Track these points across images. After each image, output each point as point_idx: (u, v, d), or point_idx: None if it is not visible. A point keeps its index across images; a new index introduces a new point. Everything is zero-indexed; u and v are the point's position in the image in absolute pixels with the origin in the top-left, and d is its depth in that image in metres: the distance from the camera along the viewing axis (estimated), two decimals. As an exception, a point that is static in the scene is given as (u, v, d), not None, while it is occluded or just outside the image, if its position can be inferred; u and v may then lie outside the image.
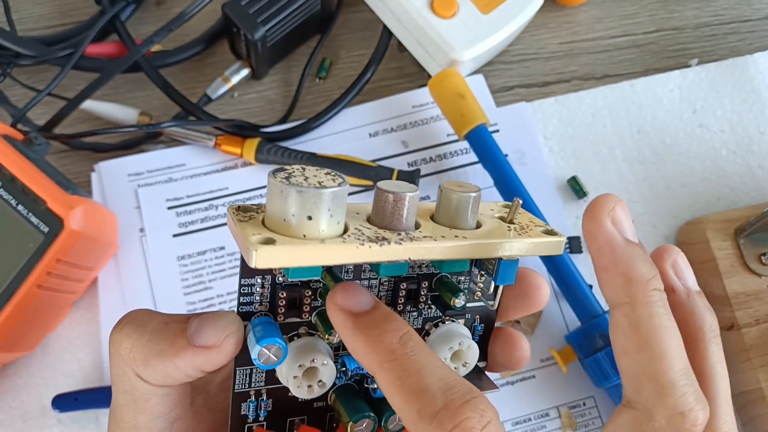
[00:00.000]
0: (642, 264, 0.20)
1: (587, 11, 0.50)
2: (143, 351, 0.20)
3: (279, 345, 0.20)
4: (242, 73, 0.45)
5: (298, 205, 0.18)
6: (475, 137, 0.41)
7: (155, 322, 0.20)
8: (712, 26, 0.50)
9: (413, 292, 0.22)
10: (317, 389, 0.20)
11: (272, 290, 0.21)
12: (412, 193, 0.20)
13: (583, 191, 0.44)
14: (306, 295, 0.21)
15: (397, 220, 0.20)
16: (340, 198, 0.19)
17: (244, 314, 0.21)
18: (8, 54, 0.43)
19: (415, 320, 0.23)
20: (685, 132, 0.46)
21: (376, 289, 0.22)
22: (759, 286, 0.40)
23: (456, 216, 0.21)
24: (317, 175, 0.19)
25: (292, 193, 0.18)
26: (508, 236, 0.21)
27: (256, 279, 0.20)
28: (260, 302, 0.21)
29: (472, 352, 0.22)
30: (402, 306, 0.22)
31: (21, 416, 0.39)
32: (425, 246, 0.19)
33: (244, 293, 0.20)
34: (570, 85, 0.47)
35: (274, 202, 0.18)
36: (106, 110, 0.44)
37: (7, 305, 0.34)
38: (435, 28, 0.42)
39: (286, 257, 0.18)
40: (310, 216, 0.18)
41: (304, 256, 0.18)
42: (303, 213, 0.18)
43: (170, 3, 0.48)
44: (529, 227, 0.22)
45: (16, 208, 0.35)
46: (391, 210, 0.20)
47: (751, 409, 0.40)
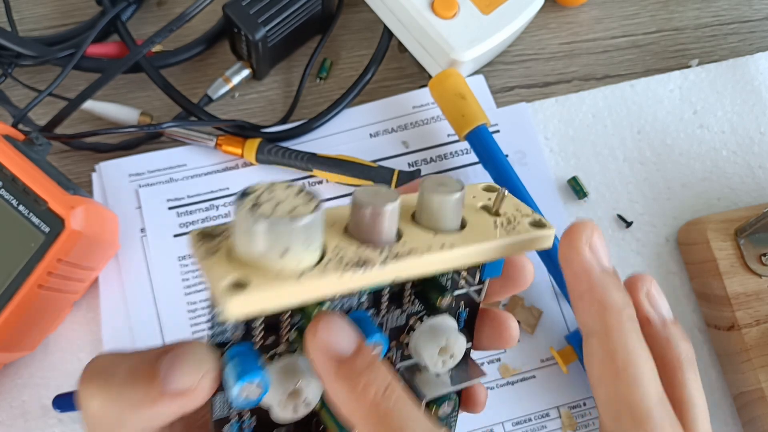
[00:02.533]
0: (616, 292, 0.20)
1: (588, 12, 0.50)
2: (115, 407, 0.18)
3: (260, 380, 0.18)
4: (243, 74, 0.45)
5: (270, 239, 0.16)
6: (475, 138, 0.41)
7: (122, 369, 0.18)
8: (712, 27, 0.50)
9: (396, 294, 0.21)
10: (303, 409, 0.19)
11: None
12: (393, 204, 0.18)
13: (583, 191, 0.44)
14: (284, 318, 0.19)
15: (377, 234, 0.18)
16: (316, 225, 0.17)
17: (217, 344, 0.19)
18: (9, 54, 0.44)
19: (398, 318, 0.22)
20: (686, 132, 0.46)
21: (355, 297, 0.21)
22: (759, 286, 0.40)
23: (439, 219, 0.20)
24: (288, 197, 0.17)
25: (261, 227, 0.16)
26: (495, 236, 0.20)
27: None
28: (235, 329, 0.19)
29: (458, 344, 0.22)
30: (386, 309, 0.21)
31: (22, 416, 0.39)
32: (411, 263, 0.18)
33: (216, 323, 0.18)
34: (570, 86, 0.47)
35: (242, 236, 0.16)
36: (107, 110, 0.44)
37: (8, 305, 0.34)
38: (435, 29, 0.42)
39: (261, 303, 0.16)
40: (285, 250, 0.16)
41: (281, 297, 0.16)
42: (276, 248, 0.16)
43: (171, 3, 0.49)
44: (516, 219, 0.21)
45: (17, 208, 0.35)
46: (370, 224, 0.18)
47: (751, 410, 0.40)
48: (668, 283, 0.43)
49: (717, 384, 0.41)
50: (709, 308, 0.42)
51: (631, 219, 0.44)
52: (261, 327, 0.19)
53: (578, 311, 0.21)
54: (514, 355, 0.41)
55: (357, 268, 0.17)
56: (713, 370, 0.42)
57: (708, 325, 0.42)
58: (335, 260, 0.17)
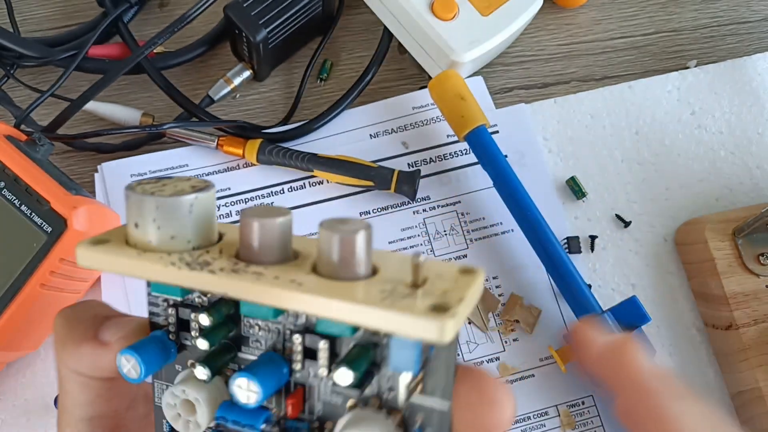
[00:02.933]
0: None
1: (586, 13, 0.50)
2: (64, 333, 0.20)
3: (136, 359, 0.18)
4: (244, 75, 0.45)
5: (128, 209, 0.18)
6: (474, 138, 0.41)
7: (91, 312, 0.21)
8: (710, 28, 0.50)
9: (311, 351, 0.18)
10: (193, 428, 0.18)
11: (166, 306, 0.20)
12: (280, 219, 0.17)
13: (582, 192, 0.44)
14: (193, 319, 0.19)
15: (256, 251, 0.17)
16: (168, 210, 0.17)
17: (153, 324, 0.20)
18: (12, 55, 0.44)
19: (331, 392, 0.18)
20: (684, 133, 0.46)
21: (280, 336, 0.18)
22: (757, 286, 0.40)
23: (322, 257, 0.17)
24: (179, 186, 0.18)
25: (125, 196, 0.18)
26: (359, 298, 0.15)
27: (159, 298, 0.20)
28: (165, 317, 0.20)
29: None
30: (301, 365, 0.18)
31: (25, 414, 0.39)
32: (242, 284, 0.16)
33: (152, 302, 0.20)
34: (569, 87, 0.48)
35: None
36: (109, 111, 0.45)
37: (10, 304, 0.35)
38: (435, 30, 0.42)
39: (101, 261, 0.17)
40: (136, 223, 0.18)
41: (115, 263, 0.17)
42: (131, 219, 0.18)
43: (173, 5, 0.49)
44: (425, 297, 0.15)
45: (19, 208, 0.35)
46: (251, 238, 0.17)
47: (749, 409, 0.40)
48: (666, 283, 0.43)
49: (715, 383, 0.42)
50: (707, 308, 0.42)
51: (630, 219, 0.44)
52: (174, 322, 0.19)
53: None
54: (513, 354, 0.41)
55: (191, 267, 0.17)
56: (711, 370, 0.42)
57: (706, 324, 0.42)
58: (189, 254, 0.17)
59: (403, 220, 0.43)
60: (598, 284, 0.43)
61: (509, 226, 0.43)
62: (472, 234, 0.43)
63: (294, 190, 0.44)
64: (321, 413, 0.18)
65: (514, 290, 0.42)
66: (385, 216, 0.44)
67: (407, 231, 0.43)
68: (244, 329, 0.19)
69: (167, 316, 0.19)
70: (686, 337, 0.42)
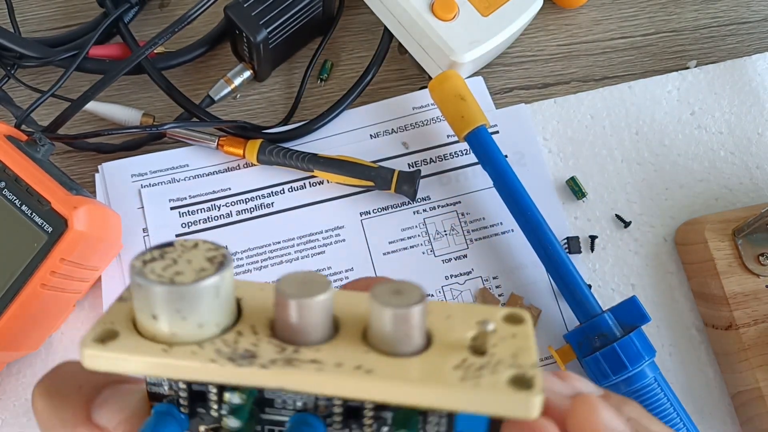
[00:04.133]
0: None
1: (586, 13, 0.50)
2: (50, 417, 0.18)
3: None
4: (244, 75, 0.45)
5: (140, 299, 0.15)
6: (475, 138, 0.41)
7: (71, 386, 0.18)
8: (710, 28, 0.50)
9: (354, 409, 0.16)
10: None
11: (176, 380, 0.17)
12: (323, 297, 0.15)
13: (582, 192, 0.44)
14: (211, 392, 0.17)
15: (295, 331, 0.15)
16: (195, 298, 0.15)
17: (153, 395, 0.17)
18: (12, 55, 0.44)
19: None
20: (684, 133, 0.46)
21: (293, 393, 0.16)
22: (757, 286, 0.40)
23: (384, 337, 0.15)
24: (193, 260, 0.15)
25: (134, 283, 0.15)
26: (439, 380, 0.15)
27: None
28: (169, 386, 0.17)
29: None
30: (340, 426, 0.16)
31: (25, 414, 0.39)
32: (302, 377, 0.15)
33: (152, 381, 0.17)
34: (569, 87, 0.48)
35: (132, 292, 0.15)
36: (109, 111, 0.45)
37: (11, 305, 0.35)
38: (435, 31, 0.42)
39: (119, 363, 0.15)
40: (154, 315, 0.15)
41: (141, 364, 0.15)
42: (146, 310, 0.15)
43: (173, 5, 0.49)
44: (498, 367, 0.15)
45: (20, 208, 0.35)
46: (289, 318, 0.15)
47: (749, 409, 0.40)
48: (666, 283, 0.43)
49: (715, 383, 0.42)
50: (707, 308, 0.42)
51: (630, 219, 0.44)
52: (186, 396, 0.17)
53: None
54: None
55: (233, 360, 0.15)
56: (711, 370, 0.42)
57: (706, 324, 0.42)
58: (223, 342, 0.15)
59: (404, 220, 0.43)
60: (598, 284, 0.43)
61: (509, 226, 0.43)
62: (472, 234, 0.43)
63: (294, 190, 0.44)
64: None
65: (514, 290, 0.42)
66: (386, 216, 0.44)
67: (407, 231, 0.43)
68: (268, 391, 0.17)
69: (177, 390, 0.17)
70: (686, 337, 0.42)
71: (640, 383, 0.37)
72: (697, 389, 0.42)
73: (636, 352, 0.37)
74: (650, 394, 0.37)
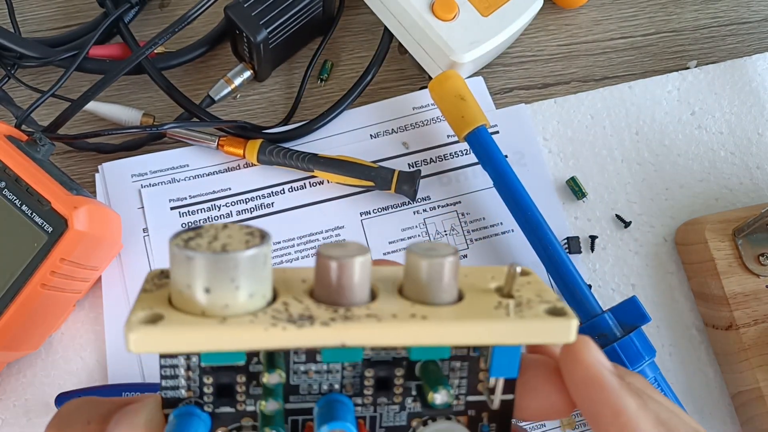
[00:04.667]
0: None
1: (586, 13, 0.50)
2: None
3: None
4: (245, 75, 0.45)
5: (191, 273, 0.15)
6: (475, 139, 0.41)
7: (79, 421, 0.18)
8: (710, 28, 0.50)
9: (384, 380, 0.18)
10: None
11: (200, 374, 0.17)
12: (362, 258, 0.16)
13: (582, 192, 0.44)
14: (239, 382, 0.17)
15: (342, 292, 0.16)
16: (248, 265, 0.15)
17: (169, 400, 0.17)
18: (12, 55, 0.44)
19: (396, 415, 0.18)
20: (684, 133, 0.46)
21: (339, 374, 0.17)
22: (757, 286, 0.40)
23: (426, 288, 0.16)
24: (233, 235, 0.15)
25: (182, 258, 0.15)
26: (491, 316, 0.16)
27: (179, 359, 0.17)
28: (187, 387, 0.17)
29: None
30: (371, 399, 0.18)
31: (25, 414, 0.39)
32: (364, 329, 0.15)
33: (166, 375, 0.17)
34: (569, 87, 0.48)
35: (172, 271, 0.15)
36: (109, 111, 0.45)
37: (11, 304, 0.35)
38: (435, 31, 0.42)
39: (173, 341, 0.15)
40: (207, 288, 0.15)
41: (197, 339, 0.15)
42: (199, 284, 0.15)
43: (173, 5, 0.49)
44: (531, 304, 0.17)
45: (20, 208, 0.35)
46: (335, 280, 0.16)
47: (749, 409, 0.40)
48: (666, 283, 0.43)
49: (715, 383, 0.42)
50: (707, 308, 0.42)
51: (630, 219, 0.44)
52: (211, 392, 0.17)
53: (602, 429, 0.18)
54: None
55: (293, 322, 0.15)
56: (711, 370, 0.42)
57: (706, 324, 0.42)
58: (275, 311, 0.15)
59: (404, 221, 0.43)
60: (598, 284, 0.43)
61: (509, 226, 0.43)
62: (472, 234, 0.43)
63: (294, 190, 0.44)
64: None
65: (515, 290, 0.42)
66: (386, 216, 0.44)
67: (407, 231, 0.43)
68: (293, 378, 0.18)
69: (202, 384, 0.17)
70: (686, 337, 0.42)
71: (641, 383, 0.37)
72: (697, 389, 0.42)
73: (636, 352, 0.37)
74: (650, 394, 0.37)
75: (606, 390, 0.17)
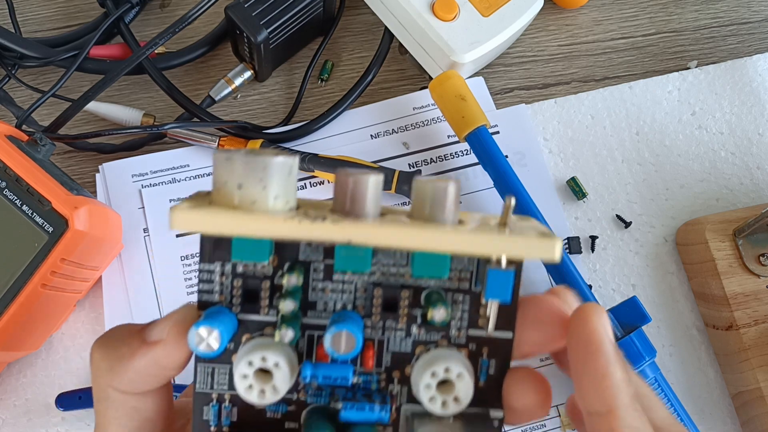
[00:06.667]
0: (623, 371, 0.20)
1: (587, 14, 0.50)
2: (109, 358, 0.20)
3: (218, 329, 0.18)
4: (245, 75, 0.46)
5: (228, 171, 0.18)
6: (475, 139, 0.41)
7: (125, 331, 0.20)
8: (711, 29, 0.50)
9: (391, 302, 0.20)
10: (270, 395, 0.18)
11: (232, 279, 0.19)
12: (375, 177, 0.18)
13: (582, 192, 0.44)
14: (264, 288, 0.19)
15: (357, 205, 0.18)
16: (275, 169, 0.18)
17: (203, 304, 0.20)
18: (13, 55, 0.44)
19: (402, 341, 0.20)
20: (684, 134, 0.46)
21: (351, 295, 0.20)
22: (757, 286, 0.40)
23: (431, 210, 0.18)
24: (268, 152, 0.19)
25: (222, 159, 0.18)
26: (487, 231, 0.18)
27: (216, 265, 0.19)
28: (220, 291, 0.20)
29: (463, 384, 0.19)
30: (379, 318, 0.20)
31: (25, 414, 0.39)
32: (370, 229, 0.17)
33: (204, 279, 0.19)
34: (570, 87, 0.48)
35: (214, 173, 0.18)
36: (110, 112, 0.45)
37: (11, 304, 0.35)
38: (436, 31, 0.42)
39: (205, 222, 0.17)
40: (240, 184, 0.18)
41: (226, 222, 0.17)
42: (233, 180, 0.18)
43: (174, 5, 0.49)
44: (524, 230, 0.18)
45: (21, 208, 0.35)
46: (350, 194, 0.18)
47: (749, 409, 0.40)
48: (667, 283, 0.43)
49: (715, 384, 0.42)
50: (708, 308, 0.42)
51: (630, 219, 0.44)
52: (239, 294, 0.20)
53: (584, 389, 0.19)
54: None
55: (309, 218, 0.17)
56: (711, 370, 0.42)
57: (706, 325, 0.42)
58: (296, 213, 0.18)
59: (404, 221, 0.43)
60: (598, 285, 0.43)
61: (510, 226, 0.43)
62: (472, 234, 0.43)
63: (295, 191, 0.44)
64: (389, 364, 0.20)
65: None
66: (386, 216, 0.44)
67: (408, 231, 0.43)
68: (311, 295, 0.20)
69: (232, 288, 0.19)
70: (687, 338, 0.42)
71: (641, 383, 0.37)
72: (697, 389, 0.42)
73: (636, 353, 0.37)
74: (651, 395, 0.37)
75: (602, 354, 0.19)
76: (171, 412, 0.22)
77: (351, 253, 0.19)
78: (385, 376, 0.20)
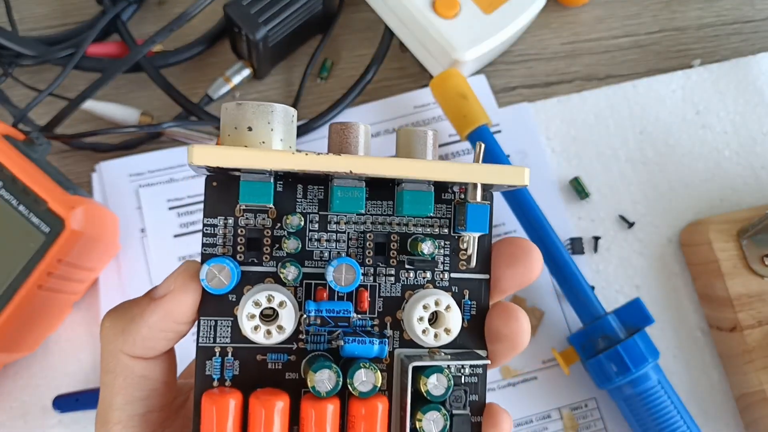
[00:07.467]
0: None
1: (590, 11, 0.49)
2: (122, 320, 0.21)
3: (228, 266, 0.19)
4: (244, 74, 0.45)
5: (239, 116, 0.20)
6: (477, 138, 0.41)
7: (132, 300, 0.21)
8: (715, 27, 0.50)
9: (381, 246, 0.22)
10: (276, 334, 0.20)
11: (234, 232, 0.21)
12: (364, 126, 0.21)
13: (585, 192, 0.44)
14: (266, 235, 0.21)
15: (351, 148, 0.20)
16: (281, 114, 0.20)
17: (206, 256, 0.21)
18: (10, 54, 0.43)
19: (392, 286, 0.22)
20: (688, 133, 0.46)
21: (344, 244, 0.22)
22: (761, 287, 0.40)
23: (413, 150, 0.21)
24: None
25: (233, 107, 0.20)
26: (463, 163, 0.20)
27: (219, 219, 0.21)
28: (223, 244, 0.21)
29: (453, 314, 0.21)
30: (371, 261, 0.22)
31: (22, 416, 0.39)
32: (367, 161, 0.19)
33: (207, 233, 0.21)
34: (572, 86, 0.47)
35: (224, 122, 0.20)
36: (107, 110, 0.44)
37: (7, 306, 0.34)
38: (437, 29, 0.42)
39: (221, 156, 0.19)
40: (250, 127, 0.20)
41: (240, 155, 0.19)
42: (244, 123, 0.20)
43: (172, 3, 0.48)
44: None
45: (17, 208, 0.35)
46: (342, 139, 0.20)
47: (753, 411, 0.40)
48: (670, 284, 0.43)
49: (719, 385, 0.41)
50: (712, 309, 0.41)
51: (634, 219, 0.44)
52: (243, 243, 0.21)
53: None
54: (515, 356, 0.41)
55: (311, 155, 0.19)
56: (715, 372, 0.41)
57: (710, 326, 0.42)
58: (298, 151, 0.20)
59: (405, 221, 0.43)
60: (601, 285, 0.42)
61: (512, 227, 0.43)
62: (474, 234, 0.43)
63: (294, 190, 0.44)
64: (381, 309, 0.22)
65: (517, 292, 0.42)
66: (387, 216, 0.43)
67: (408, 231, 0.43)
68: (308, 245, 0.21)
69: (235, 240, 0.21)
70: (690, 339, 0.42)
71: (644, 385, 0.37)
72: (701, 391, 0.41)
73: (640, 354, 0.37)
74: (654, 397, 0.37)
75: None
76: (174, 386, 0.23)
77: (347, 193, 0.21)
78: (378, 321, 0.22)
